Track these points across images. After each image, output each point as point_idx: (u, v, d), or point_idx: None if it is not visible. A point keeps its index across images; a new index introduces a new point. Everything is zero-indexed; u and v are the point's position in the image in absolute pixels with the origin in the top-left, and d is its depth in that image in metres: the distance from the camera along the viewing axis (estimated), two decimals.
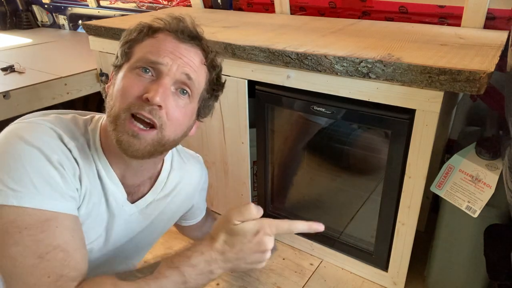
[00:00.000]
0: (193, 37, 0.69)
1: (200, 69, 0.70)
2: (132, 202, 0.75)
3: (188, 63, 0.66)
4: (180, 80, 0.66)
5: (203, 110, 0.75)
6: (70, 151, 0.64)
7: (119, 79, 0.66)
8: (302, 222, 0.65)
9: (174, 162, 0.84)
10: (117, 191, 0.71)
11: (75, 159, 0.64)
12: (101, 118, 0.72)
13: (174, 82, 0.65)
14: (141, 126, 0.63)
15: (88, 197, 0.66)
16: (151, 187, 0.79)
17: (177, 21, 0.69)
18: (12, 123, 0.64)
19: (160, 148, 0.67)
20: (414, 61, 0.86)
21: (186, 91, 0.67)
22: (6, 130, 0.63)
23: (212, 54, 0.72)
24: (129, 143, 0.62)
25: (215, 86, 0.75)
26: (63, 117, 0.69)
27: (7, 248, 0.55)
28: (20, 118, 0.66)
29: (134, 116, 0.62)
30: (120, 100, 0.63)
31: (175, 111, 0.65)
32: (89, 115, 0.74)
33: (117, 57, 0.69)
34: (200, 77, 0.69)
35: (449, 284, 1.08)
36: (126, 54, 0.67)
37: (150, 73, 0.64)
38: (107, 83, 0.72)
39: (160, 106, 0.63)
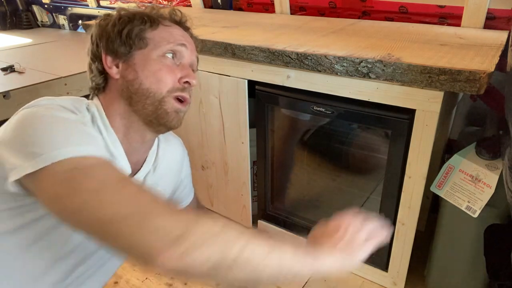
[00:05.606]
0: (189, 27, 0.81)
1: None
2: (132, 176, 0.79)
3: (194, 49, 0.78)
4: (194, 62, 0.78)
5: None
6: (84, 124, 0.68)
7: (145, 63, 0.71)
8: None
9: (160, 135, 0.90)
10: (125, 164, 0.74)
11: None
12: (93, 100, 0.77)
13: (190, 64, 0.77)
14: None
15: None
16: (145, 160, 0.83)
17: (177, 12, 0.80)
18: (19, 112, 0.63)
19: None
20: (414, 61, 0.86)
21: (194, 70, 0.78)
22: (24, 112, 0.61)
23: (198, 41, 0.82)
24: (173, 118, 0.73)
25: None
26: (65, 97, 0.72)
27: (86, 183, 0.53)
28: (24, 106, 0.64)
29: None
30: (162, 84, 0.71)
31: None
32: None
33: (124, 43, 0.71)
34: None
35: (449, 284, 1.08)
36: (142, 40, 0.72)
37: (172, 57, 0.73)
38: (109, 67, 0.73)
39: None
